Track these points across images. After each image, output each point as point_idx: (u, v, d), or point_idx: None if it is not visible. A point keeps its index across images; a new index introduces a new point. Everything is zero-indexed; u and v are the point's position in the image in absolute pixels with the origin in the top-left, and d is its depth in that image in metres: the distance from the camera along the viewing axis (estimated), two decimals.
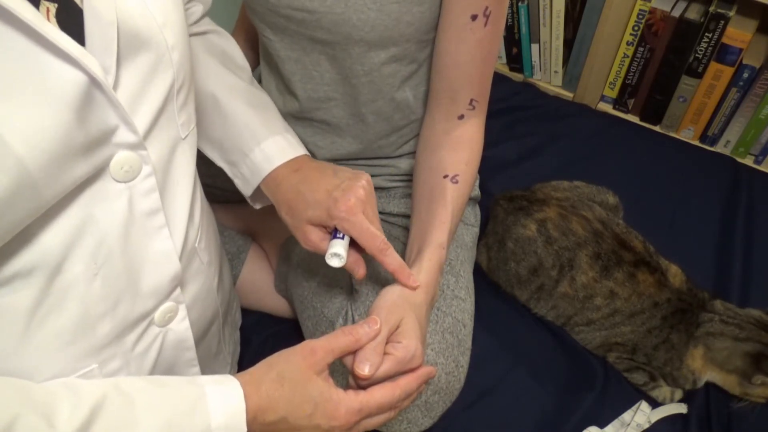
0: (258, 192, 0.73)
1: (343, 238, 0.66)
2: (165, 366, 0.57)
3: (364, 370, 0.57)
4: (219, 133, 0.72)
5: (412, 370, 0.62)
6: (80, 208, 0.45)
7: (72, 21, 0.42)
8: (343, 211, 0.64)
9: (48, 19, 0.40)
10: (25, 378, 0.44)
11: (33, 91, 0.38)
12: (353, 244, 0.68)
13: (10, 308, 0.43)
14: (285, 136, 0.72)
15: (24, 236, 0.42)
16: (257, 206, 0.77)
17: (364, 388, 0.58)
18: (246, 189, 0.73)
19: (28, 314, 0.44)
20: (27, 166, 0.38)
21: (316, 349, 0.55)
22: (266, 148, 0.70)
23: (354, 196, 0.65)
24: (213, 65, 0.74)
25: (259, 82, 0.95)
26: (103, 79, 0.42)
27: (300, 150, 0.72)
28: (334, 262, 0.66)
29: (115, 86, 0.45)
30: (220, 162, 0.74)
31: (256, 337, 0.99)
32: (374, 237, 0.65)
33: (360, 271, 0.68)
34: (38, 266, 0.43)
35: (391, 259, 0.66)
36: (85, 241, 0.45)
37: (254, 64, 1.07)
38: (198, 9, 0.74)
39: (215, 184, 0.82)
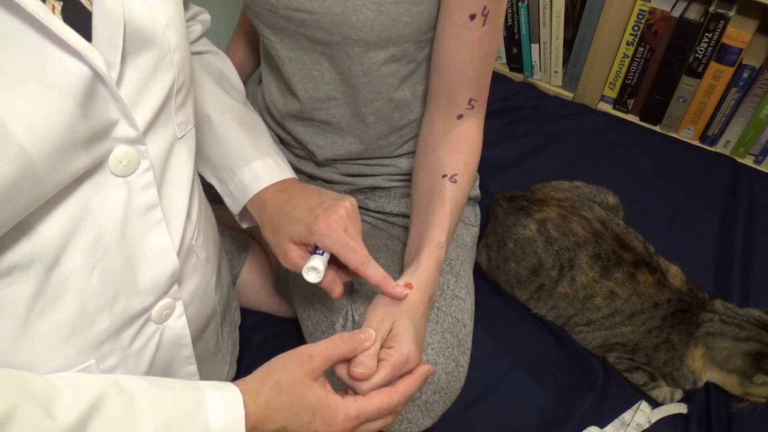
0: (246, 211, 0.73)
1: (323, 254, 0.66)
2: (162, 363, 0.58)
3: (360, 369, 0.58)
4: (211, 150, 0.73)
5: (409, 371, 0.62)
6: (78, 200, 0.45)
7: (77, 19, 0.42)
8: (323, 227, 0.64)
9: (53, 14, 0.40)
10: None
11: (38, 81, 0.39)
12: (335, 263, 0.68)
13: (9, 301, 0.43)
14: (275, 158, 0.73)
15: (23, 227, 0.42)
16: (244, 225, 0.76)
17: (363, 394, 0.58)
18: (234, 207, 0.73)
19: (26, 307, 0.44)
20: (30, 155, 0.38)
21: (314, 356, 0.55)
22: (255, 168, 0.71)
23: (335, 214, 0.65)
24: (208, 84, 0.74)
25: (260, 82, 0.96)
26: (106, 73, 0.42)
27: (288, 173, 0.73)
28: (311, 277, 0.65)
29: (119, 82, 0.45)
30: (211, 179, 0.74)
31: (256, 337, 0.99)
32: (355, 250, 0.64)
33: (336, 290, 0.68)
34: (36, 258, 0.43)
35: (373, 271, 0.65)
36: (83, 234, 0.46)
37: (255, 66, 1.07)
38: (197, 29, 0.75)
39: None
